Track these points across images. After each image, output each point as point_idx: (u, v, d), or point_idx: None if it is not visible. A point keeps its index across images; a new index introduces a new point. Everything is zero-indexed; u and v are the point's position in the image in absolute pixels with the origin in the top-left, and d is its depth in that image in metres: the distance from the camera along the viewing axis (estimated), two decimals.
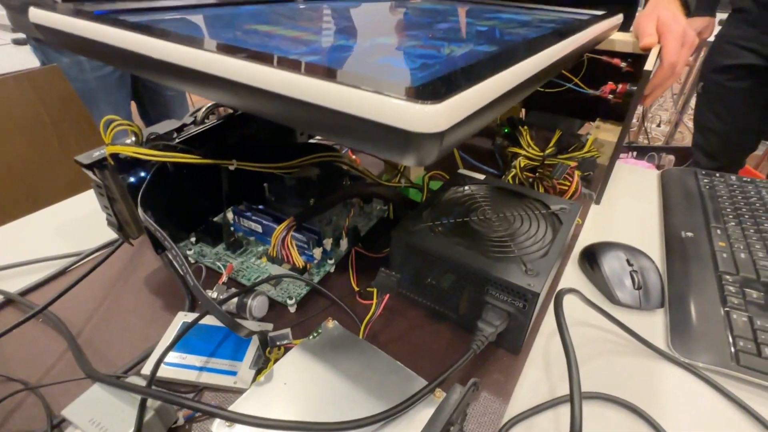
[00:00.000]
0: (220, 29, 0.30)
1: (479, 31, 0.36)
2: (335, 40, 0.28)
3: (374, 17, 0.42)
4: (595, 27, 0.43)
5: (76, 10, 0.32)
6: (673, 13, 0.55)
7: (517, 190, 0.43)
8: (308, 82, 0.17)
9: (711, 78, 1.03)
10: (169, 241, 0.31)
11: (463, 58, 0.25)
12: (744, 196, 0.55)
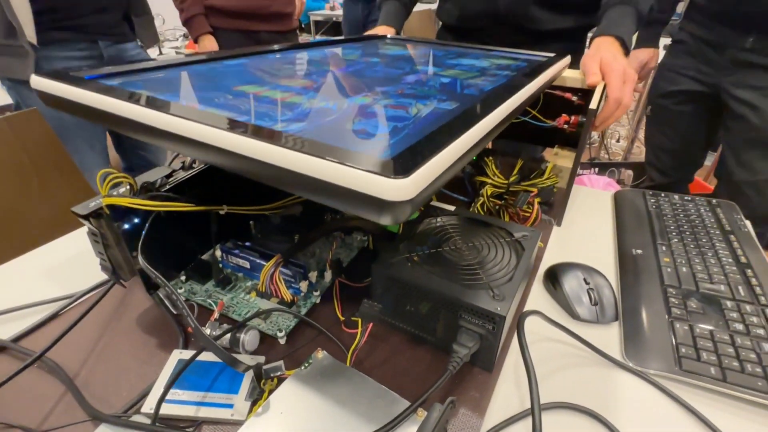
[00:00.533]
0: (213, 92, 0.33)
1: (442, 84, 0.40)
2: (318, 102, 0.32)
3: (350, 71, 0.46)
4: (546, 73, 0.49)
5: (71, 76, 0.35)
6: (614, 55, 0.62)
7: (483, 219, 0.47)
8: (303, 159, 0.21)
9: (658, 102, 1.14)
10: (170, 287, 0.33)
11: (428, 119, 0.29)
12: (685, 214, 0.61)
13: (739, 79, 0.98)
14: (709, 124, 1.10)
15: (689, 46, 1.04)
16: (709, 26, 0.99)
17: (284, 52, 0.52)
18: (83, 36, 0.99)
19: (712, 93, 1.04)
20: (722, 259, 0.52)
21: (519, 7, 0.77)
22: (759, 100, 0.95)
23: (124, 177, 0.38)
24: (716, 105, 1.04)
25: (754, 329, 0.41)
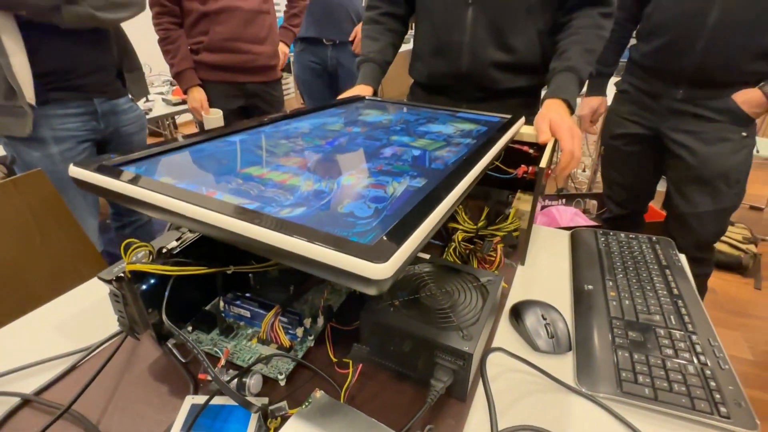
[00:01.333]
0: (225, 176, 0.41)
1: (414, 157, 0.49)
2: (313, 184, 0.39)
3: (336, 144, 0.54)
4: (503, 138, 0.58)
5: (103, 166, 0.41)
6: (561, 115, 0.73)
7: (454, 267, 0.55)
8: (310, 247, 0.28)
9: (609, 143, 1.27)
10: (191, 342, 0.39)
11: (403, 198, 0.37)
12: (630, 251, 0.70)
13: (674, 125, 1.12)
14: (655, 161, 1.23)
15: (632, 95, 1.18)
16: (647, 80, 1.14)
17: (278, 124, 0.60)
18: (80, 95, 1.05)
19: (654, 135, 1.18)
20: (658, 291, 0.60)
21: (479, 69, 0.88)
22: (692, 143, 1.09)
23: (144, 246, 0.44)
24: (659, 145, 1.18)
25: (682, 353, 0.50)
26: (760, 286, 1.77)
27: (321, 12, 1.87)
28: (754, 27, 0.95)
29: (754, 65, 0.99)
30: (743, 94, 1.02)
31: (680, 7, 1.00)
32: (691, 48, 1.01)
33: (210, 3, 1.37)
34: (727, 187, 1.09)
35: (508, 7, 0.82)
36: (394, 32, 0.97)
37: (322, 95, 2.08)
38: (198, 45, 1.42)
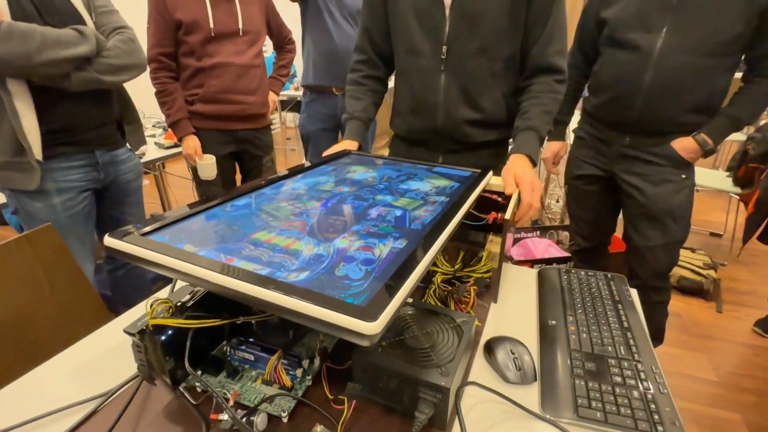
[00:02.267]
0: (238, 243, 0.48)
1: (396, 218, 0.57)
2: (313, 248, 0.48)
3: (329, 205, 0.63)
4: (471, 197, 0.67)
5: (132, 235, 0.48)
6: (524, 169, 0.83)
7: (433, 309, 0.63)
8: (314, 308, 0.36)
9: (571, 183, 1.40)
10: (211, 388, 0.46)
11: (389, 259, 0.45)
12: (588, 288, 0.80)
13: (625, 167, 1.26)
14: (612, 199, 1.37)
15: (587, 141, 1.33)
16: (599, 128, 1.29)
17: (277, 184, 0.69)
18: (83, 149, 1.12)
19: (609, 176, 1.32)
20: (611, 324, 0.69)
21: (453, 125, 0.99)
22: (641, 184, 1.22)
23: (165, 301, 0.51)
24: (614, 185, 1.32)
25: (629, 380, 0.58)
26: (721, 309, 1.89)
27: (330, 61, 1.89)
28: (683, 87, 1.10)
29: (686, 118, 1.14)
30: (679, 141, 1.16)
31: (620, 70, 1.16)
32: (631, 104, 1.16)
33: (205, 59, 1.47)
34: (673, 222, 1.22)
35: (475, 73, 0.94)
36: (375, 92, 1.08)
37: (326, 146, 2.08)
38: (193, 96, 1.52)
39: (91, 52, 1.00)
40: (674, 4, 1.06)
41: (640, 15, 1.11)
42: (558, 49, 0.91)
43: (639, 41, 1.11)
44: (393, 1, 0.96)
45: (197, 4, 1.43)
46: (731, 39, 1.04)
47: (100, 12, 1.09)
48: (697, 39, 1.05)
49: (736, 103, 1.13)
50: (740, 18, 1.02)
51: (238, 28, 1.50)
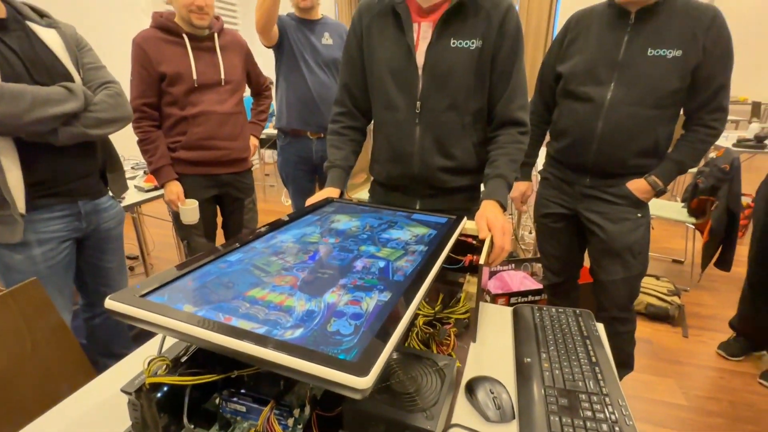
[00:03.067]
0: (235, 301, 0.52)
1: (380, 269, 0.62)
2: (305, 304, 0.51)
3: (317, 258, 0.67)
4: (450, 241, 0.73)
5: (132, 298, 0.51)
6: (495, 214, 0.90)
7: (416, 353, 0.67)
8: (310, 365, 0.40)
9: (539, 221, 1.50)
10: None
11: (375, 312, 0.50)
12: (559, 324, 0.86)
13: (587, 206, 1.37)
14: (579, 235, 1.46)
15: (552, 182, 1.44)
16: (562, 170, 1.40)
17: (266, 237, 0.73)
18: (66, 199, 1.13)
19: (573, 215, 1.42)
20: (581, 360, 0.75)
21: (428, 173, 1.06)
22: (602, 222, 1.33)
23: (162, 359, 0.53)
24: (579, 222, 1.42)
25: (598, 414, 0.63)
26: (687, 334, 1.99)
27: (305, 106, 1.97)
28: (631, 134, 1.22)
29: (636, 161, 1.26)
30: (634, 183, 1.28)
31: (576, 119, 1.28)
32: (587, 148, 1.28)
33: (188, 108, 1.52)
34: (632, 258, 1.32)
35: (447, 125, 1.02)
36: (354, 141, 1.15)
37: (305, 186, 2.14)
38: (176, 143, 1.55)
39: (80, 108, 1.04)
40: (619, 62, 1.20)
41: (590, 70, 1.24)
42: (520, 104, 1.01)
43: (591, 93, 1.24)
44: (370, 61, 1.05)
45: (181, 57, 1.49)
46: (669, 93, 1.18)
47: (88, 68, 1.13)
48: (640, 93, 1.19)
49: (679, 149, 1.26)
50: (675, 76, 1.16)
51: (221, 78, 1.56)
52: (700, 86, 1.17)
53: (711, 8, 1.13)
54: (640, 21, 1.17)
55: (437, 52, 0.97)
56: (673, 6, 1.15)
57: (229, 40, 1.62)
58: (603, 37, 1.22)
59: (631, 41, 1.18)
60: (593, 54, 1.23)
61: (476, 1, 0.94)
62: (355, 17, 1.05)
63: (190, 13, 1.45)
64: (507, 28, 0.95)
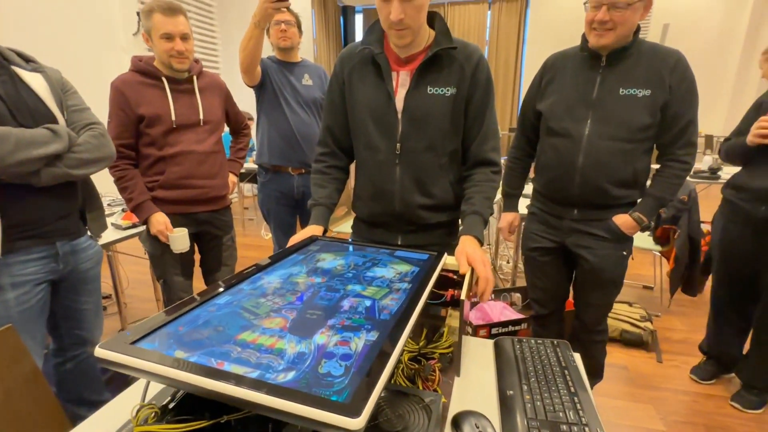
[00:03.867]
0: (226, 345, 0.53)
1: (366, 308, 0.65)
2: (295, 346, 0.53)
3: (305, 298, 0.69)
4: (432, 279, 0.76)
5: (123, 346, 0.52)
6: (474, 249, 0.94)
7: (403, 390, 0.68)
8: (305, 409, 0.41)
9: (528, 254, 1.57)
10: None
11: (364, 352, 0.52)
12: (539, 356, 0.89)
13: (574, 241, 1.44)
14: (566, 268, 1.54)
15: (539, 216, 1.52)
16: (548, 204, 1.48)
17: (253, 279, 0.74)
18: (43, 241, 1.11)
19: (561, 248, 1.49)
20: (561, 391, 0.77)
21: (408, 210, 1.11)
22: (589, 256, 1.41)
23: (150, 407, 0.53)
24: (567, 255, 1.49)
25: None
26: (661, 359, 2.05)
27: (286, 143, 2.02)
28: (610, 166, 1.31)
29: (618, 192, 1.34)
30: (619, 218, 1.36)
31: (557, 153, 1.37)
32: (571, 181, 1.36)
33: (167, 148, 1.53)
34: (614, 287, 1.45)
35: (425, 165, 1.08)
36: (337, 180, 1.19)
37: (286, 221, 2.16)
38: (153, 183, 1.55)
39: (64, 149, 1.04)
40: (593, 100, 1.30)
41: (568, 108, 1.34)
42: (492, 146, 1.08)
43: (570, 129, 1.33)
44: (352, 106, 1.10)
45: (160, 99, 1.51)
46: (641, 128, 1.28)
47: (72, 110, 1.14)
48: (614, 128, 1.28)
49: (657, 185, 1.36)
50: (645, 112, 1.26)
51: (199, 119, 1.59)
52: (670, 123, 1.28)
53: (675, 52, 1.26)
54: (611, 63, 1.29)
55: (415, 99, 1.03)
56: (640, 50, 1.27)
57: (207, 81, 1.66)
58: (578, 78, 1.33)
59: (604, 81, 1.29)
60: (569, 93, 1.34)
61: (450, 53, 1.02)
62: (337, 65, 1.11)
63: (170, 58, 1.49)
64: (479, 77, 1.03)
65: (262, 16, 1.55)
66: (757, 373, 1.71)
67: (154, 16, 1.45)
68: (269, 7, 1.47)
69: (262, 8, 1.49)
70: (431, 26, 1.05)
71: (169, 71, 1.54)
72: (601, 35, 1.23)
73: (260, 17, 1.56)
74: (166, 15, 1.45)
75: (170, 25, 1.45)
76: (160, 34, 1.46)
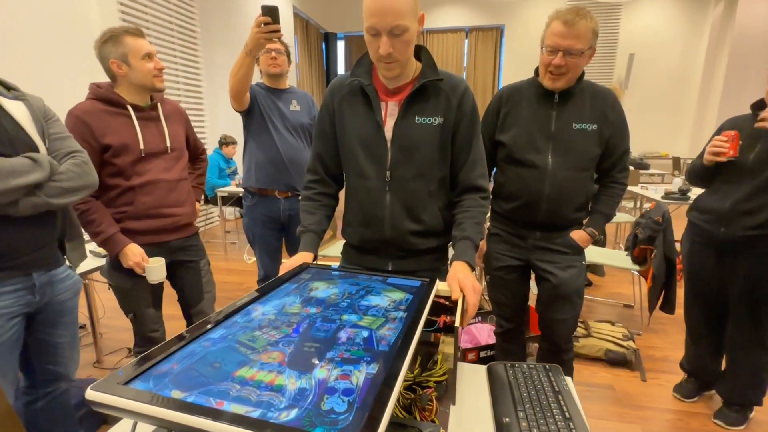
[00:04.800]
0: (224, 383, 0.52)
1: (364, 339, 0.64)
2: (295, 381, 0.52)
3: (301, 330, 0.68)
4: (426, 307, 0.77)
5: (114, 387, 0.50)
6: (465, 274, 0.95)
7: (402, 422, 0.67)
8: None
9: (492, 273, 1.62)
10: None
11: (366, 386, 0.51)
12: (531, 381, 0.89)
13: (538, 257, 1.52)
14: (528, 282, 1.62)
15: (503, 237, 1.59)
16: (513, 227, 1.56)
17: (247, 310, 0.73)
18: (19, 272, 1.07)
19: (525, 265, 1.56)
20: (556, 416, 0.78)
21: (399, 236, 1.12)
22: (553, 270, 1.50)
23: None
24: (530, 271, 1.57)
25: None
26: (645, 378, 2.09)
27: (274, 167, 2.03)
28: (571, 193, 1.44)
29: (575, 215, 1.48)
30: (575, 234, 1.49)
31: (524, 183, 1.46)
32: (538, 208, 1.45)
33: (134, 178, 1.47)
34: (578, 299, 1.52)
35: (415, 192, 1.09)
36: (327, 206, 1.20)
37: (272, 246, 2.14)
38: (122, 214, 1.49)
39: (44, 178, 1.02)
40: (553, 134, 1.41)
41: (531, 141, 1.44)
42: (480, 173, 1.11)
43: (535, 161, 1.43)
44: (342, 135, 1.12)
45: (126, 127, 1.46)
46: (592, 158, 1.43)
47: (54, 138, 1.12)
48: (572, 159, 1.41)
49: (603, 203, 1.51)
50: (595, 144, 1.41)
51: (167, 146, 1.56)
52: (611, 151, 1.45)
53: (609, 90, 1.43)
54: (563, 100, 1.42)
55: (404, 128, 1.06)
56: (584, 89, 1.42)
57: (170, 109, 1.63)
58: (535, 112, 1.44)
59: (559, 116, 1.41)
60: (530, 126, 1.44)
61: (437, 84, 1.06)
62: (327, 96, 1.14)
63: (154, 78, 1.47)
64: (464, 107, 1.07)
65: (254, 45, 1.57)
66: (735, 390, 1.76)
67: (125, 40, 1.41)
68: (262, 37, 1.49)
69: (255, 38, 1.51)
70: (418, 59, 1.09)
71: (135, 99, 1.50)
72: (555, 79, 1.37)
73: (252, 46, 1.58)
74: (138, 36, 1.43)
75: (146, 45, 1.45)
76: (142, 54, 1.43)
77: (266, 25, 1.44)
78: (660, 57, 7.56)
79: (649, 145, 7.75)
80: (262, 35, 1.48)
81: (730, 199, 1.58)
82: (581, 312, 1.62)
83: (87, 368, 2.17)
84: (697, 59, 7.45)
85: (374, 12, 0.93)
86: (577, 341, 2.22)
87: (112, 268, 1.54)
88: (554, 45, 1.32)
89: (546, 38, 1.36)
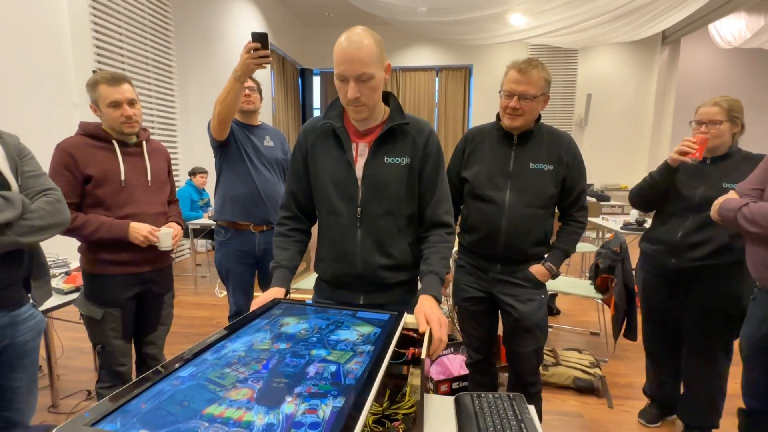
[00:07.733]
0: (193, 421, 0.53)
1: (332, 374, 0.67)
2: (264, 417, 0.54)
3: (270, 366, 0.70)
4: (393, 340, 0.80)
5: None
6: (431, 307, 1.00)
7: None
8: None
9: (460, 305, 1.68)
10: None
11: (332, 421, 0.54)
12: (496, 410, 0.93)
13: (500, 290, 1.59)
14: (495, 315, 1.67)
15: (468, 269, 1.66)
16: (475, 259, 1.63)
17: (217, 347, 0.75)
18: None
19: (489, 297, 1.62)
20: None
21: (370, 270, 1.16)
22: (514, 303, 1.56)
23: None
24: (495, 303, 1.63)
25: None
26: (612, 404, 2.15)
27: (249, 201, 2.04)
28: (528, 229, 1.53)
29: (533, 250, 1.56)
30: (534, 268, 1.57)
31: (484, 217, 1.55)
32: (497, 241, 1.54)
33: (115, 210, 1.51)
34: (540, 332, 1.58)
35: (385, 228, 1.15)
36: (299, 242, 1.23)
37: (246, 281, 2.13)
38: (98, 246, 1.51)
39: (15, 217, 1.01)
40: (511, 172, 1.52)
41: (490, 178, 1.54)
42: (446, 209, 1.18)
43: (494, 197, 1.52)
44: (314, 172, 1.17)
45: (109, 159, 1.52)
46: (550, 196, 1.53)
47: (27, 176, 1.12)
48: (529, 197, 1.51)
49: (562, 240, 1.60)
50: (551, 184, 1.52)
51: (148, 180, 1.60)
52: (568, 191, 1.55)
53: (566, 134, 1.57)
54: (522, 142, 1.54)
55: (374, 168, 1.12)
56: (541, 132, 1.55)
57: (154, 147, 1.70)
58: (496, 152, 1.56)
59: (518, 157, 1.53)
60: (490, 165, 1.55)
61: (403, 128, 1.14)
62: (301, 136, 1.20)
63: (121, 124, 1.52)
64: (429, 149, 1.15)
65: (244, 71, 1.62)
66: (693, 415, 1.84)
67: (99, 88, 1.50)
68: (252, 63, 1.55)
69: (245, 63, 1.56)
70: (386, 103, 1.18)
71: (119, 135, 1.55)
72: (513, 119, 1.49)
73: (241, 71, 1.62)
74: (111, 85, 1.50)
75: (116, 93, 1.50)
76: (107, 102, 1.49)
77: (256, 51, 1.51)
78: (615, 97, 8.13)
79: (608, 177, 8.18)
80: (252, 61, 1.54)
81: (679, 231, 1.70)
82: (550, 340, 1.68)
83: (41, 413, 2.04)
84: (648, 98, 8.06)
85: (342, 60, 1.01)
86: (547, 370, 2.27)
87: (86, 297, 1.55)
88: (510, 90, 1.46)
89: (504, 84, 1.49)
